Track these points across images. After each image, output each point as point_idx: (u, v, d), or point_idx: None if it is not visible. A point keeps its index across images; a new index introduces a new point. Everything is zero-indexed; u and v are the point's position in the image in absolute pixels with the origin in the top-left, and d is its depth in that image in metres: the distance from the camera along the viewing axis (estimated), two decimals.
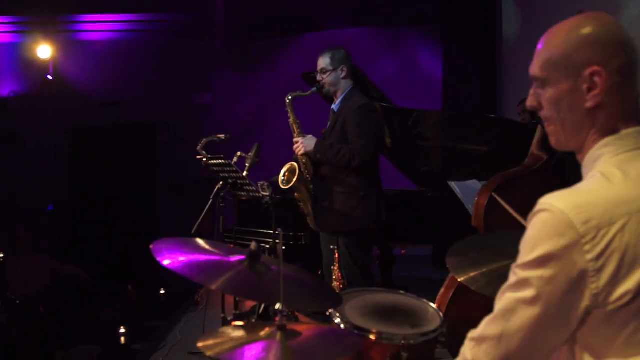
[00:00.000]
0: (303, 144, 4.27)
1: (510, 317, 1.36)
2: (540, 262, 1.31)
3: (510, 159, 3.94)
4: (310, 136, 4.32)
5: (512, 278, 1.38)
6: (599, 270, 1.28)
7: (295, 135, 4.38)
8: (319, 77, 4.35)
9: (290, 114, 4.40)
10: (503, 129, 5.15)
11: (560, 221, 1.30)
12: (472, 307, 2.47)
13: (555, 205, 1.32)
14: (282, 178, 4.29)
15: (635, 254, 1.28)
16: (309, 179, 4.32)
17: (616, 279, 1.28)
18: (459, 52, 8.77)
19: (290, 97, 4.36)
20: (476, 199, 3.37)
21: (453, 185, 3.96)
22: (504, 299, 1.39)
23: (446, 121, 5.53)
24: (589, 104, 1.41)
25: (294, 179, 4.22)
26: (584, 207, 1.29)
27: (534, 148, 3.63)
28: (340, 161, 4.12)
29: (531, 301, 1.33)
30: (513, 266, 1.39)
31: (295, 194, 4.41)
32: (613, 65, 1.39)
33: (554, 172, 3.65)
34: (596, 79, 1.39)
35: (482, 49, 8.62)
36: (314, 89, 4.34)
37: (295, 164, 4.28)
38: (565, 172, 3.53)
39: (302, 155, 4.30)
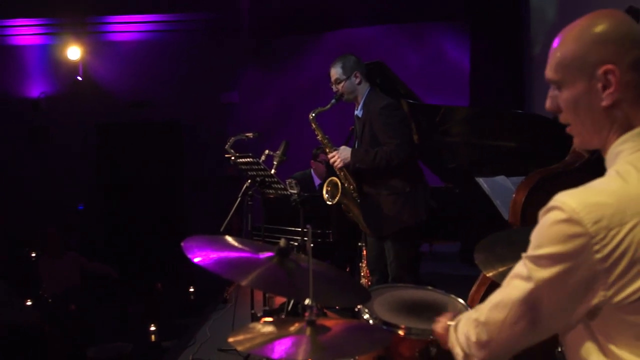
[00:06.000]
0: (340, 157, 4.21)
1: (514, 306, 1.40)
2: (551, 259, 1.33)
3: (538, 154, 3.89)
4: (343, 147, 4.27)
5: (522, 269, 1.40)
6: (609, 270, 1.29)
7: (328, 150, 4.33)
8: (334, 89, 4.30)
9: (317, 131, 4.34)
10: (531, 124, 5.10)
11: (572, 220, 1.30)
12: None
13: (567, 203, 1.32)
14: (326, 195, 4.25)
15: None
16: (352, 188, 4.28)
17: (626, 278, 1.29)
18: (486, 47, 8.68)
19: (313, 114, 4.29)
20: (514, 195, 3.32)
21: (481, 181, 3.92)
22: (511, 286, 1.43)
23: (474, 117, 5.49)
24: (605, 103, 1.41)
25: (339, 193, 4.18)
26: (595, 207, 1.30)
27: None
28: (379, 164, 4.08)
29: (537, 294, 1.37)
30: (523, 255, 1.41)
31: (342, 206, 4.38)
32: (626, 61, 1.39)
33: (593, 170, 3.59)
34: (610, 77, 1.39)
35: (510, 44, 8.53)
36: (333, 100, 4.27)
37: (336, 178, 4.24)
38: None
39: (339, 168, 4.26)
